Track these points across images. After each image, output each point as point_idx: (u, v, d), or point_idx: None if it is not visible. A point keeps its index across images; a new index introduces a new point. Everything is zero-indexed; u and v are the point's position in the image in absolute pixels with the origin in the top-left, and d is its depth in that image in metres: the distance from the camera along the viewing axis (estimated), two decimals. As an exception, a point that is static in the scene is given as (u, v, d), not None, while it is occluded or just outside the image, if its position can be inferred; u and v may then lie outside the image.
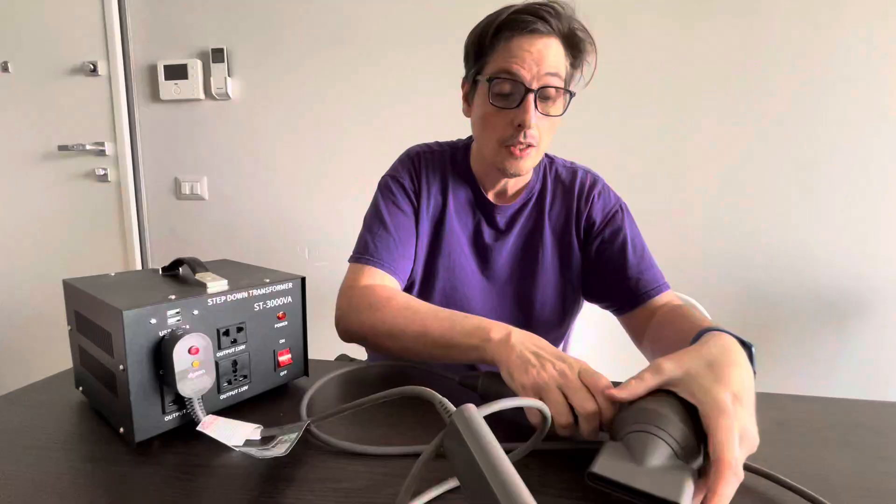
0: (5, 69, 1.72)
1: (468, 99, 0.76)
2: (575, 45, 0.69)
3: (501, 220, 0.80)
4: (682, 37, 1.35)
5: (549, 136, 0.72)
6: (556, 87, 0.67)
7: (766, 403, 0.55)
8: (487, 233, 0.80)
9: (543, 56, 0.66)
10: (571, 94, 0.70)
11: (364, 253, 0.74)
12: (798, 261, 1.37)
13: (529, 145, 0.69)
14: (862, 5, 1.25)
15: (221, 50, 1.59)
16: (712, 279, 1.41)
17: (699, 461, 0.36)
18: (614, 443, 0.37)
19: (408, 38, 1.47)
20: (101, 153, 1.70)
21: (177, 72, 1.62)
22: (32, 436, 0.45)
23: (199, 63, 1.61)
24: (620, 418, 0.39)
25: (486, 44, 0.70)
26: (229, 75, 1.61)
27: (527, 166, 0.71)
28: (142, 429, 0.43)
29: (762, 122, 1.34)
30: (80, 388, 0.52)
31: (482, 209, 0.80)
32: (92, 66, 1.65)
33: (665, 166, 1.40)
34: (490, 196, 0.80)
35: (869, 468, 0.43)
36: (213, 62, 1.60)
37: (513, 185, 0.79)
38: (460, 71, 0.77)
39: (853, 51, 1.27)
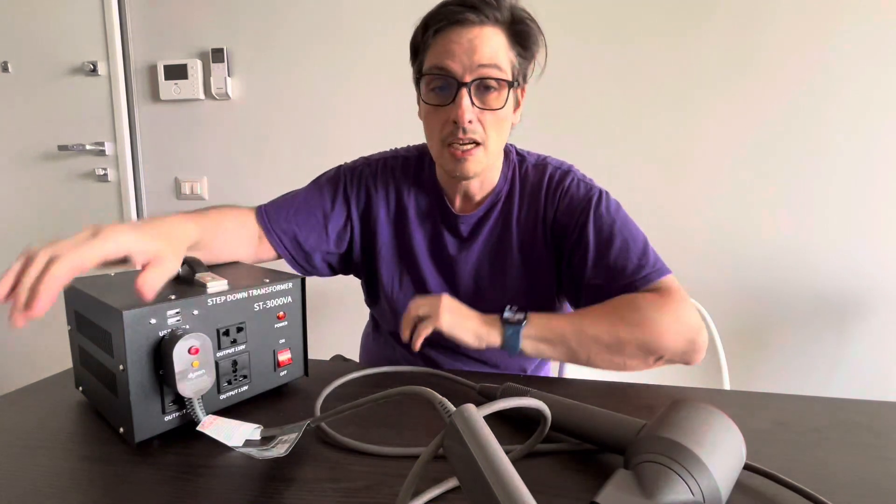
0: (5, 69, 1.72)
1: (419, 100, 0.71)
2: (520, 33, 0.64)
3: (465, 228, 0.75)
4: (682, 37, 1.34)
5: (498, 133, 0.66)
6: (494, 79, 0.62)
7: (766, 403, 0.55)
8: (451, 244, 0.75)
9: (476, 47, 0.61)
10: (511, 85, 0.64)
11: (265, 203, 0.77)
12: (798, 261, 1.37)
13: (474, 143, 0.65)
14: (862, 5, 1.25)
15: (221, 50, 1.59)
16: (712, 279, 1.41)
17: (720, 498, 0.33)
18: (626, 471, 0.35)
19: (408, 38, 1.46)
20: (101, 153, 1.70)
21: (177, 72, 1.62)
22: (32, 436, 0.45)
23: (199, 63, 1.61)
24: (634, 444, 0.37)
25: (419, 41, 0.66)
26: (229, 75, 1.61)
27: (474, 168, 0.66)
28: (142, 429, 0.43)
29: (762, 122, 1.34)
30: (80, 388, 0.52)
31: (444, 219, 0.75)
32: (92, 66, 1.65)
33: (665, 166, 1.40)
34: (456, 203, 0.75)
35: (869, 468, 0.43)
36: (213, 62, 1.60)
37: (477, 190, 0.73)
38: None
39: (853, 50, 1.27)
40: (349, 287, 0.95)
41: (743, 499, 0.38)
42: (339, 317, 1.59)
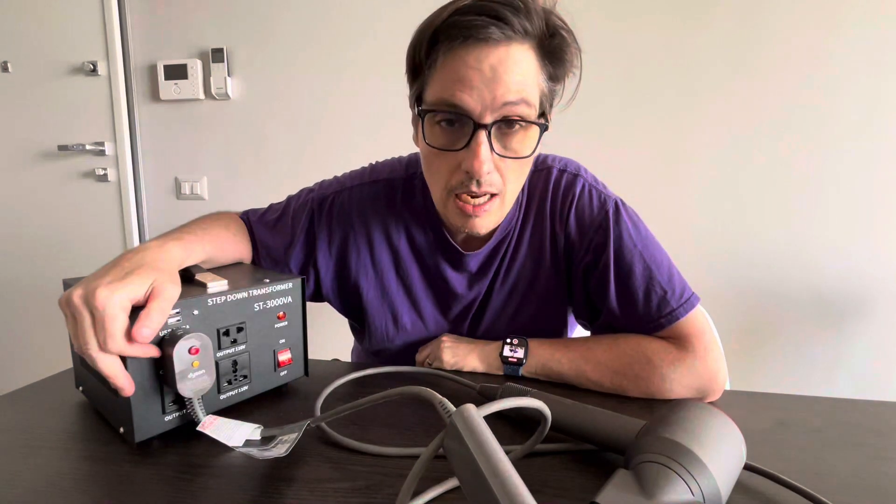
0: (5, 69, 1.72)
1: (416, 125, 0.58)
2: (554, 50, 0.51)
3: (474, 265, 0.65)
4: (682, 36, 1.34)
5: (518, 179, 0.56)
6: (521, 120, 0.50)
7: (766, 403, 0.55)
8: (458, 282, 0.66)
9: (500, 76, 0.47)
10: (543, 128, 0.52)
11: (251, 212, 0.72)
12: (798, 261, 1.37)
13: (491, 195, 0.53)
14: (862, 5, 1.25)
15: (221, 50, 1.59)
16: (712, 280, 1.41)
17: (720, 498, 0.33)
18: (626, 471, 0.34)
19: (409, 38, 1.46)
20: (101, 153, 1.70)
21: (177, 72, 1.62)
22: (33, 436, 0.45)
23: (198, 63, 1.61)
24: (634, 444, 0.37)
25: (422, 58, 0.52)
26: (229, 75, 1.61)
27: (487, 224, 0.55)
28: (142, 429, 0.43)
29: (762, 122, 1.34)
30: (80, 388, 0.52)
31: (446, 256, 0.66)
32: (92, 66, 1.64)
33: (665, 166, 1.40)
34: (459, 237, 0.65)
35: (869, 468, 0.43)
36: (212, 62, 1.60)
37: (481, 233, 0.62)
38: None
39: (853, 51, 1.27)
40: (349, 287, 0.95)
41: (743, 499, 0.38)
42: (339, 317, 1.58)
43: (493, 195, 0.54)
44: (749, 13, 1.30)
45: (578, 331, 1.03)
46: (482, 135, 0.49)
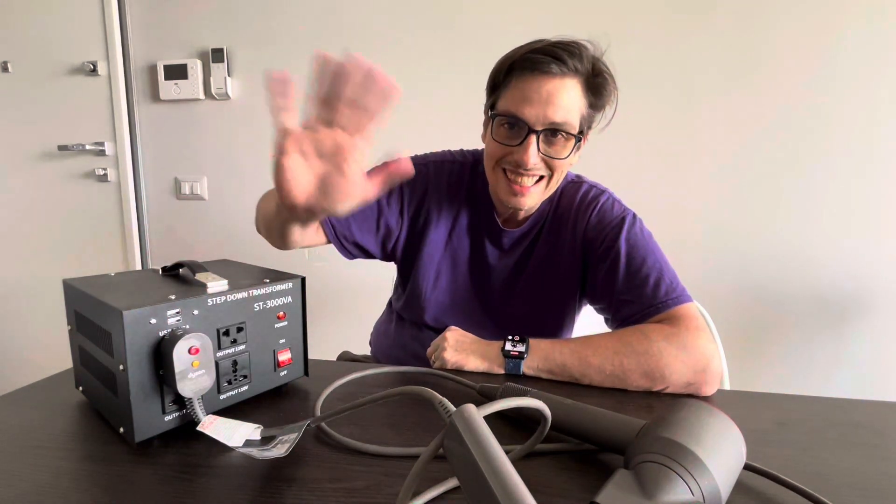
0: (5, 69, 1.72)
1: (486, 126, 0.75)
2: (596, 87, 0.68)
3: (507, 242, 0.79)
4: (682, 37, 1.34)
5: (557, 174, 0.71)
6: (562, 131, 0.66)
7: (766, 403, 0.55)
8: (492, 254, 0.80)
9: (553, 100, 0.64)
10: (578, 139, 0.68)
11: None
12: (798, 261, 1.37)
13: (537, 179, 0.69)
14: (862, 5, 1.25)
15: (221, 50, 1.59)
16: (712, 279, 1.41)
17: (720, 498, 0.33)
18: (626, 471, 0.34)
19: (408, 40, 1.46)
20: (101, 153, 1.70)
21: (177, 72, 1.62)
22: (32, 436, 0.45)
23: (198, 63, 1.61)
24: (634, 444, 0.37)
25: (500, 79, 0.69)
26: (229, 75, 1.61)
27: (530, 203, 0.71)
28: (142, 429, 0.42)
29: (762, 123, 1.34)
30: (80, 388, 0.52)
31: (489, 231, 0.80)
32: (92, 66, 1.65)
33: (665, 167, 1.40)
34: (503, 217, 0.79)
35: (869, 468, 0.43)
36: (212, 62, 1.60)
37: (523, 210, 0.77)
38: (462, 74, 0.77)
39: (853, 51, 1.27)
40: (349, 287, 0.95)
41: (743, 499, 0.38)
42: (339, 316, 1.58)
43: (540, 177, 0.69)
44: (752, 15, 1.30)
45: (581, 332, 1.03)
46: (532, 137, 0.66)
